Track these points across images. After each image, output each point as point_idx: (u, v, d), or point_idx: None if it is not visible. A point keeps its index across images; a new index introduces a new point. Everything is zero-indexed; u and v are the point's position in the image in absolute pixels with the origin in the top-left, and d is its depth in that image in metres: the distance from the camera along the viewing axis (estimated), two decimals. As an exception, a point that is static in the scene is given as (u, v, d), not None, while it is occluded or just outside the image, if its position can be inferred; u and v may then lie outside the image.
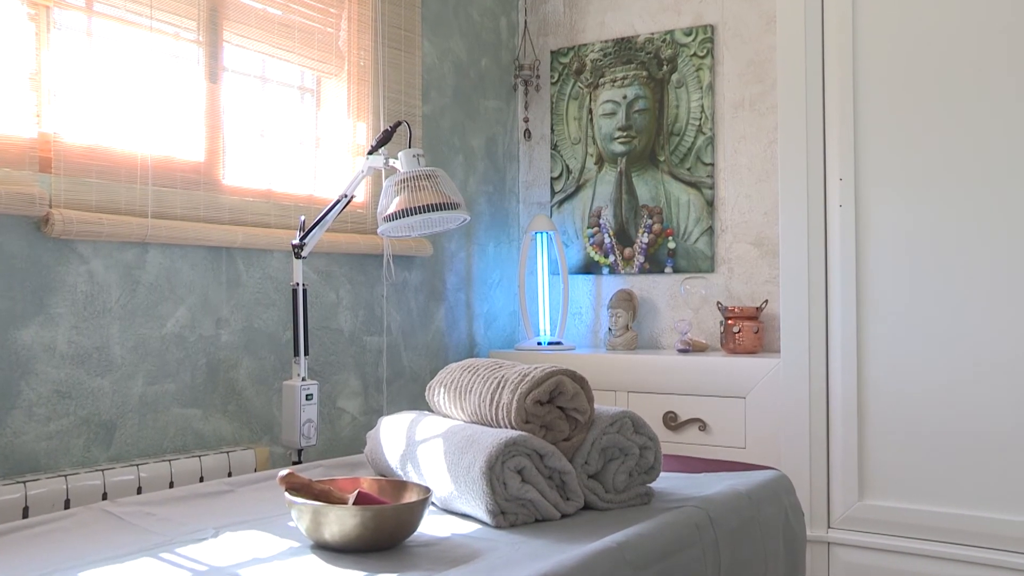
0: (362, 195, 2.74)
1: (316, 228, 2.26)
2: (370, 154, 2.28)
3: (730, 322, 2.80)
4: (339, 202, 2.25)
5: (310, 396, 2.22)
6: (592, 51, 3.29)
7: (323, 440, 2.54)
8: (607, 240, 3.24)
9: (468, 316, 3.18)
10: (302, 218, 2.31)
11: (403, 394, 2.86)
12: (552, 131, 3.38)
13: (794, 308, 2.51)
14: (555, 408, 1.62)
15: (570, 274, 3.29)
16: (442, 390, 1.80)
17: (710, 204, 3.04)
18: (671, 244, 3.11)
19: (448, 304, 3.08)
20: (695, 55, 3.08)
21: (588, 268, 3.28)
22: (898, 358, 2.38)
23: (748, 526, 1.67)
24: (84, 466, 1.98)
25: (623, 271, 3.21)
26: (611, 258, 3.23)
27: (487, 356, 3.20)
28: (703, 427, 2.68)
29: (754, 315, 2.81)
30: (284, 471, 1.45)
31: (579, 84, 3.32)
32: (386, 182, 2.21)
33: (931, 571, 2.31)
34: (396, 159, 2.24)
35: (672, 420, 2.73)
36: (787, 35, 2.54)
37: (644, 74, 3.18)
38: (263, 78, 2.51)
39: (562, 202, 3.35)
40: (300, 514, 1.37)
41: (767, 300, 2.87)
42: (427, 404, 1.90)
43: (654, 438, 1.68)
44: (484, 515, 1.50)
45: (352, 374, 2.67)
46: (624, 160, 3.21)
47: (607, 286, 3.25)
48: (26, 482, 1.81)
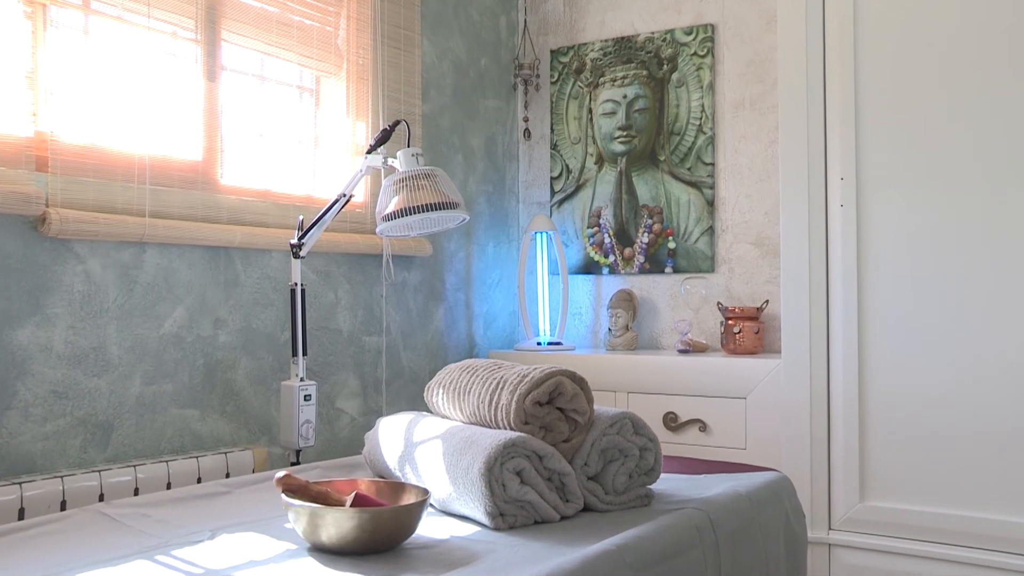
0: (361, 195, 2.73)
1: (314, 228, 2.25)
2: (369, 153, 2.27)
3: (730, 322, 2.79)
4: (337, 201, 2.24)
5: (308, 397, 2.21)
6: (592, 50, 3.28)
7: (322, 441, 2.53)
8: (607, 240, 3.23)
9: (467, 316, 3.17)
10: (300, 217, 2.30)
11: (402, 395, 2.85)
12: (552, 131, 3.37)
13: (795, 308, 2.50)
14: (554, 409, 1.61)
15: (570, 274, 3.28)
16: (441, 391, 1.79)
17: (710, 204, 3.03)
18: (671, 244, 3.10)
19: (447, 304, 3.07)
20: (695, 54, 3.07)
21: (588, 268, 3.27)
22: (899, 359, 2.37)
23: (749, 528, 1.66)
24: (81, 467, 1.97)
25: (623, 271, 3.20)
26: (611, 258, 3.22)
27: (486, 356, 3.19)
28: (703, 428, 2.67)
29: (755, 315, 2.80)
30: (281, 472, 1.44)
31: (579, 83, 3.31)
32: (385, 181, 2.20)
33: (932, 573, 2.30)
34: (395, 158, 2.23)
35: (672, 421, 2.72)
36: (788, 34, 2.53)
37: (644, 73, 3.17)
38: (261, 77, 2.49)
39: (562, 202, 3.34)
40: (297, 516, 1.36)
41: (768, 300, 2.86)
42: (426, 405, 1.89)
43: (654, 439, 1.68)
44: (483, 517, 1.49)
45: (351, 374, 2.66)
46: (624, 160, 3.20)
47: (607, 286, 3.23)
48: (22, 483, 1.80)
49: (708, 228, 3.03)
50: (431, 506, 1.61)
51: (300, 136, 2.60)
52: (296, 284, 2.25)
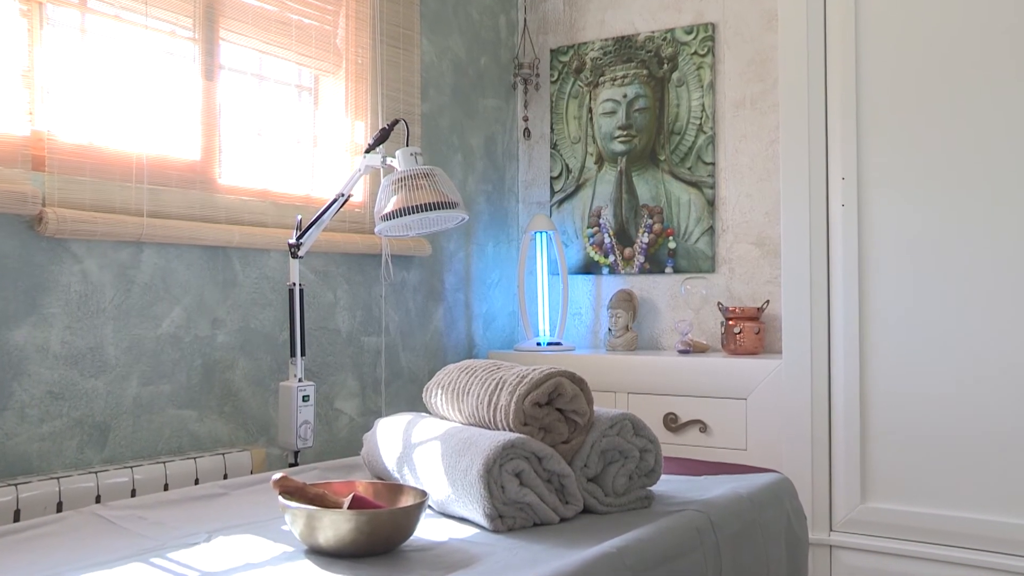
0: (360, 194, 2.72)
1: (313, 227, 2.24)
2: (367, 152, 2.26)
3: (731, 323, 2.78)
4: (336, 201, 2.23)
5: (307, 397, 2.20)
6: (592, 49, 3.27)
7: (320, 442, 2.52)
8: (607, 240, 3.22)
9: (467, 316, 3.15)
10: (299, 217, 2.28)
11: (401, 395, 2.84)
12: (552, 130, 3.36)
13: (796, 309, 2.49)
14: (554, 410, 1.60)
15: (570, 274, 3.27)
16: (440, 392, 1.78)
17: (711, 204, 3.02)
18: (671, 244, 3.09)
19: (447, 304, 3.06)
20: (696, 53, 3.06)
21: (588, 268, 3.26)
22: (901, 359, 2.36)
23: (750, 530, 1.65)
24: (77, 468, 1.96)
25: (623, 271, 3.19)
26: (611, 258, 3.21)
27: (486, 357, 3.18)
28: (704, 429, 2.66)
29: (755, 316, 2.79)
30: (278, 474, 1.43)
31: (579, 83, 3.30)
32: (384, 181, 2.19)
33: (934, 574, 2.29)
34: (394, 157, 2.22)
35: (673, 421, 2.71)
36: (789, 33, 2.52)
37: (644, 73, 3.16)
38: (260, 76, 2.48)
39: (562, 201, 3.33)
40: (294, 518, 1.35)
41: (768, 301, 2.85)
42: (425, 406, 1.88)
43: (654, 440, 1.66)
44: (482, 519, 1.48)
45: (350, 375, 2.65)
46: (624, 159, 3.19)
47: (607, 286, 3.22)
48: (18, 484, 1.79)
49: (708, 228, 3.02)
50: (429, 508, 1.60)
51: (299, 135, 2.59)
52: (295, 284, 2.24)
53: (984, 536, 2.24)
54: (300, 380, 2.21)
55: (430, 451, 1.62)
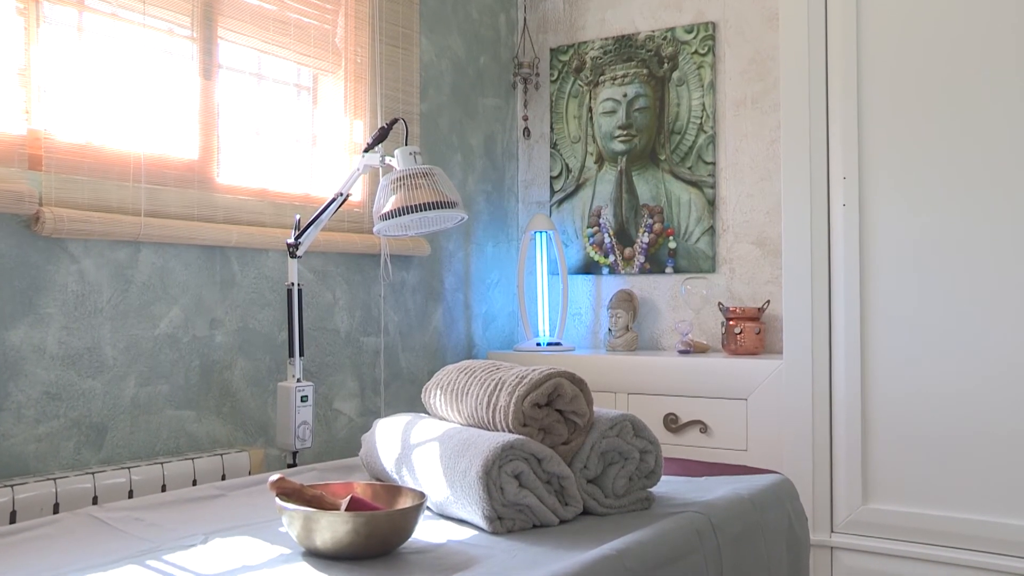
0: (359, 194, 2.71)
1: (311, 227, 2.23)
2: (366, 152, 2.25)
3: (731, 323, 2.77)
4: (335, 200, 2.22)
5: (305, 398, 2.19)
6: (592, 49, 3.26)
7: (319, 442, 2.51)
8: (607, 240, 3.21)
9: (466, 316, 3.14)
10: (297, 217, 2.27)
11: (401, 396, 2.82)
12: (552, 129, 3.35)
13: (797, 309, 2.48)
14: (553, 411, 1.59)
15: (570, 274, 3.26)
16: (438, 392, 1.77)
17: (711, 203, 3.01)
18: (672, 244, 3.08)
19: (446, 304, 3.05)
20: (696, 53, 3.05)
21: (588, 268, 3.25)
22: (902, 360, 2.35)
23: (751, 532, 1.64)
24: (74, 469, 1.95)
25: (623, 271, 3.18)
26: (611, 258, 3.20)
27: (485, 357, 3.17)
28: (704, 429, 2.65)
29: (756, 316, 2.78)
30: (275, 476, 1.42)
31: (579, 82, 3.29)
32: (382, 180, 2.18)
33: (935, 575, 2.28)
34: (392, 157, 2.21)
35: (673, 422, 2.70)
36: (790, 32, 2.51)
37: (645, 72, 3.15)
38: (259, 75, 2.47)
39: (561, 201, 3.32)
40: (291, 520, 1.34)
41: (769, 301, 2.84)
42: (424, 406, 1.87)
43: (655, 442, 1.65)
44: (480, 521, 1.47)
45: (349, 375, 2.64)
46: (624, 159, 3.18)
47: (607, 286, 3.21)
48: (14, 485, 1.78)
49: (709, 228, 3.01)
50: (428, 509, 1.59)
51: (297, 135, 2.58)
52: (293, 284, 2.23)
53: (986, 538, 2.23)
54: (299, 380, 2.20)
55: (429, 452, 1.61)
